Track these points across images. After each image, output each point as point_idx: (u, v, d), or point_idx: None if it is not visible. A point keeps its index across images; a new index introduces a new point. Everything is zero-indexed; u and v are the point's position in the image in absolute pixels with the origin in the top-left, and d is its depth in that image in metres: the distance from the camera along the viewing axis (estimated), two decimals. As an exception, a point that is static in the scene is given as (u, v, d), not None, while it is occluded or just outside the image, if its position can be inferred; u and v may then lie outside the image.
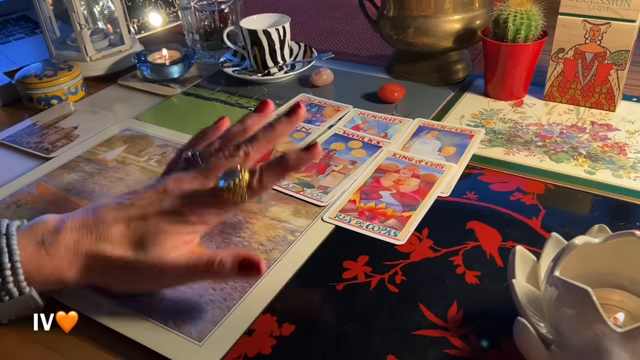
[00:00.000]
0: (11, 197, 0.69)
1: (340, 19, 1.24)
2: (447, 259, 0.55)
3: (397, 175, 0.68)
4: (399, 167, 0.69)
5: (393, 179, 0.67)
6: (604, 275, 0.45)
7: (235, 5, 1.05)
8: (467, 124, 0.78)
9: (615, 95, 0.77)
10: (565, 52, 0.78)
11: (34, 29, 1.24)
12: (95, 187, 0.70)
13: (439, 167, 0.68)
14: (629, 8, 0.71)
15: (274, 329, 0.48)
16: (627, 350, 0.37)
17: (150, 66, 0.96)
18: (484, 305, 0.50)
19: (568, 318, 0.40)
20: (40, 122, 0.87)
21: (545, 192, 0.64)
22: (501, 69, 0.80)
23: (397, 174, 0.68)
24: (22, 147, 0.80)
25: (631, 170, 0.66)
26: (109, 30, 1.05)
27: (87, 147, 0.79)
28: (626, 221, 0.59)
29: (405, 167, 0.69)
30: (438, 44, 0.85)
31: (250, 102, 0.89)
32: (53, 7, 1.02)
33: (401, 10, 0.85)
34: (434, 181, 0.66)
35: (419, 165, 0.69)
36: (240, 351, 0.47)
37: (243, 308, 0.51)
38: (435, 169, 0.68)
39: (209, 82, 0.97)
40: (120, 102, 0.93)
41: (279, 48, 0.93)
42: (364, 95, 0.88)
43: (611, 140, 0.72)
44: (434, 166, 0.69)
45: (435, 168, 0.68)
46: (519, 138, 0.74)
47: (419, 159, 0.70)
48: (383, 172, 0.69)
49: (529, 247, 0.47)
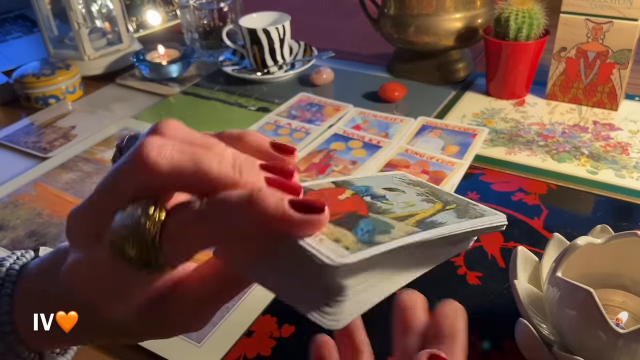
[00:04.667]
0: (8, 196, 0.68)
1: (341, 18, 1.23)
2: (449, 260, 0.54)
3: (406, 170, 0.68)
4: (410, 163, 0.69)
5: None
6: (606, 275, 0.45)
7: (234, 4, 1.05)
8: (468, 123, 0.78)
9: (618, 95, 0.77)
10: (568, 51, 0.77)
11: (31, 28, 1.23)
12: (94, 186, 0.69)
13: (449, 165, 0.68)
14: (631, 7, 0.71)
15: (274, 330, 0.48)
16: (630, 351, 0.37)
17: (148, 65, 0.96)
18: (485, 306, 0.49)
19: (570, 319, 0.40)
20: (38, 121, 0.86)
21: (547, 192, 0.63)
22: (503, 68, 0.80)
23: (406, 169, 0.68)
24: (20, 147, 0.79)
25: (634, 170, 0.66)
26: (107, 29, 1.04)
27: (85, 147, 0.78)
28: (629, 221, 0.58)
29: (415, 162, 0.69)
30: (439, 43, 0.85)
31: (249, 101, 0.89)
32: (51, 5, 1.01)
33: (402, 9, 0.85)
34: (442, 178, 0.66)
35: (430, 161, 0.69)
36: (240, 352, 0.46)
37: (242, 309, 0.50)
38: (446, 166, 0.68)
39: (208, 81, 0.96)
40: (119, 102, 0.92)
41: (278, 47, 0.93)
42: (365, 94, 0.88)
43: (614, 139, 0.72)
44: (444, 163, 0.69)
45: (446, 165, 0.68)
46: (520, 138, 0.74)
47: (430, 155, 0.70)
48: (393, 168, 0.69)
49: (531, 247, 0.47)
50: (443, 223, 0.26)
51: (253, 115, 0.84)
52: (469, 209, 0.29)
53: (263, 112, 0.85)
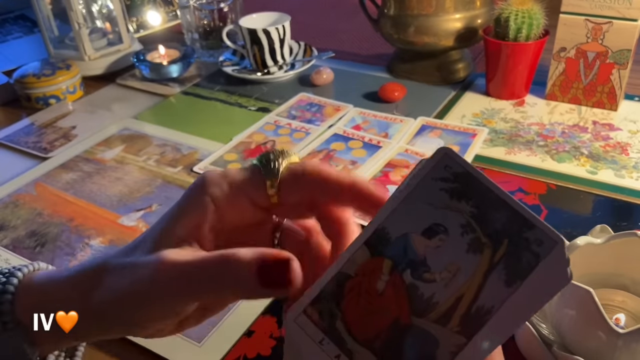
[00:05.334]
0: (9, 196, 0.68)
1: (341, 18, 1.23)
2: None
3: (406, 170, 0.68)
4: (410, 163, 0.69)
5: (402, 173, 0.67)
6: (605, 275, 0.45)
7: (234, 4, 1.05)
8: (468, 123, 0.78)
9: (617, 95, 0.77)
10: (567, 51, 0.77)
11: (32, 28, 1.23)
12: (94, 186, 0.69)
13: None
14: (630, 7, 0.71)
15: (274, 330, 0.48)
16: (630, 351, 0.37)
17: (149, 65, 0.96)
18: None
19: (570, 319, 0.40)
20: (38, 121, 0.86)
21: (547, 192, 0.63)
22: (502, 68, 0.80)
23: (406, 169, 0.68)
24: (20, 147, 0.80)
25: (633, 170, 0.66)
26: (108, 29, 1.04)
27: (85, 147, 0.78)
28: (628, 221, 0.59)
29: (415, 163, 0.69)
30: (439, 43, 0.85)
31: (249, 102, 0.89)
32: (51, 5, 1.01)
33: (402, 9, 0.85)
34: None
35: None
36: (240, 352, 0.46)
37: (242, 309, 0.50)
38: None
39: (208, 81, 0.96)
40: (119, 102, 0.93)
41: (278, 47, 0.93)
42: (364, 94, 0.88)
43: (613, 140, 0.72)
44: None
45: None
46: (520, 138, 0.74)
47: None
48: (393, 167, 0.69)
49: (531, 247, 0.47)
50: (490, 310, 0.23)
51: (253, 115, 0.84)
52: (520, 246, 0.24)
53: (263, 112, 0.85)
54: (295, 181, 0.29)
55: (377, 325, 0.25)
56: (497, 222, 0.24)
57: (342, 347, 0.25)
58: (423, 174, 0.26)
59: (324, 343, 0.25)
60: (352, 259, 0.26)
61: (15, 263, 0.58)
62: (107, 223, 0.63)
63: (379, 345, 0.24)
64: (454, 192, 0.25)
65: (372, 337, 0.24)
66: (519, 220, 0.24)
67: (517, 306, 0.23)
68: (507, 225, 0.24)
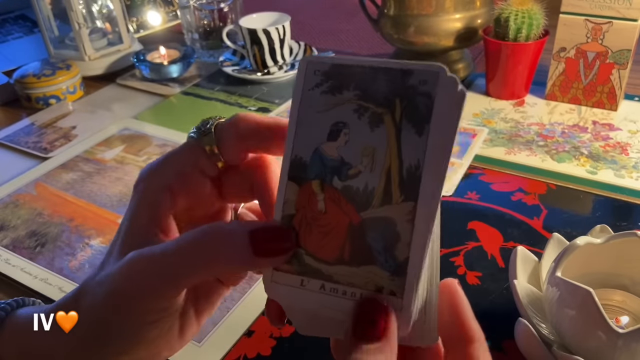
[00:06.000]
0: (9, 196, 0.69)
1: (341, 18, 1.23)
2: (448, 260, 0.54)
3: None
4: None
5: None
6: (605, 275, 0.45)
7: (234, 4, 1.05)
8: (468, 123, 0.78)
9: (617, 95, 0.77)
10: (567, 51, 0.77)
11: (32, 28, 1.23)
12: (94, 186, 0.69)
13: (449, 165, 0.68)
14: (630, 7, 0.71)
15: (274, 330, 0.48)
16: (630, 351, 0.37)
17: (149, 65, 0.96)
18: (485, 306, 0.49)
19: (570, 319, 0.40)
20: (38, 121, 0.86)
21: (546, 192, 0.63)
22: (502, 68, 0.80)
23: None
24: (20, 147, 0.80)
25: (633, 170, 0.66)
26: (108, 29, 1.05)
27: (85, 147, 0.78)
28: (628, 221, 0.59)
29: None
30: (439, 43, 0.85)
31: (249, 102, 0.89)
32: (51, 6, 1.01)
33: (402, 9, 0.85)
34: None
35: None
36: (240, 352, 0.46)
37: (243, 308, 0.50)
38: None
39: (208, 81, 0.96)
40: (119, 102, 0.93)
41: (278, 47, 0.93)
42: (364, 94, 0.88)
43: (613, 140, 0.72)
44: None
45: None
46: (520, 138, 0.74)
47: None
48: None
49: (531, 247, 0.47)
50: (418, 165, 0.24)
51: (253, 115, 0.84)
52: (410, 95, 0.24)
53: (263, 112, 0.85)
54: (229, 136, 0.29)
55: (336, 240, 0.25)
56: (380, 88, 0.25)
57: (321, 276, 0.25)
58: (300, 90, 0.26)
59: (304, 283, 0.26)
60: (286, 200, 0.26)
61: (16, 263, 0.58)
62: (107, 223, 0.63)
63: (347, 256, 0.25)
64: (333, 89, 0.26)
65: (339, 252, 0.25)
66: (396, 75, 0.25)
67: (437, 146, 0.24)
68: (390, 85, 0.25)
